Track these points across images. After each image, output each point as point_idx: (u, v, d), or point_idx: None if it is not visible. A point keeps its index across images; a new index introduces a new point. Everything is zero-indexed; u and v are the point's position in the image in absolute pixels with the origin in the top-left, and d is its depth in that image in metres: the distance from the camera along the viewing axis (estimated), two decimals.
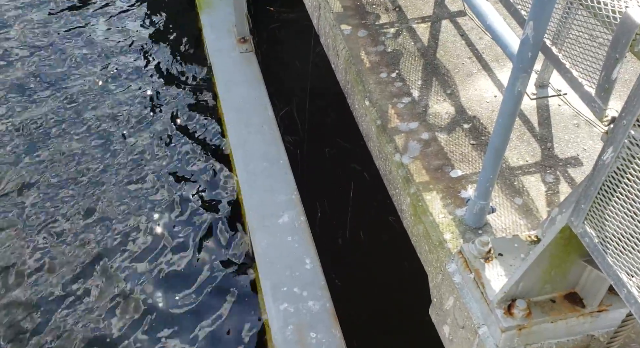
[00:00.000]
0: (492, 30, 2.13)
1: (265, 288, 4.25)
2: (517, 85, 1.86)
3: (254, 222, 4.65)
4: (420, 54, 3.18)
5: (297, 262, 4.37)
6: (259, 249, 4.47)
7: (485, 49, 3.19)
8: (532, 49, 1.76)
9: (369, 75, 3.08)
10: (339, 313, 4.12)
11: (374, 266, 4.66)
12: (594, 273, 1.91)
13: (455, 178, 2.56)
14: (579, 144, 2.68)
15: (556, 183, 2.51)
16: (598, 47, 1.57)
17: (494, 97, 2.93)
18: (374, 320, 4.40)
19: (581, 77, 1.66)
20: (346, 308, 4.26)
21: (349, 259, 4.78)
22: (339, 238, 4.95)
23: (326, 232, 4.88)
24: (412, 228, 2.57)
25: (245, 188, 4.90)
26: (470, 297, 2.11)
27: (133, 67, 6.44)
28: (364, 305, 4.48)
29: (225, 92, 5.73)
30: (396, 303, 4.40)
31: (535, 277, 1.90)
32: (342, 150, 5.46)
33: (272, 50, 6.46)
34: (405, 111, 2.88)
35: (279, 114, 5.59)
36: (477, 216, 2.32)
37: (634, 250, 1.38)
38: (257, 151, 5.17)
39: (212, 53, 6.14)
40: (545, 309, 1.97)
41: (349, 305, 4.34)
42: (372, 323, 4.41)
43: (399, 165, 2.66)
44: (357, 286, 4.58)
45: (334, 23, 3.39)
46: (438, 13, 3.42)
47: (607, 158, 1.41)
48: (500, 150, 2.06)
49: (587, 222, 1.54)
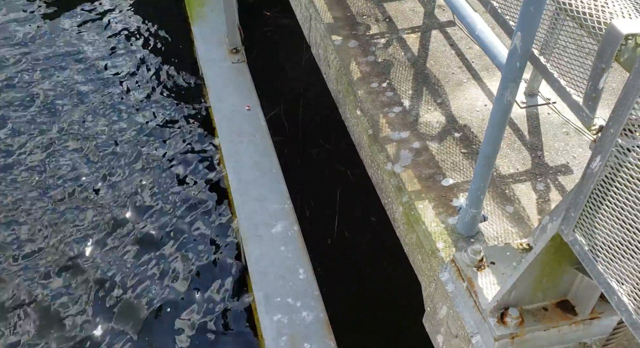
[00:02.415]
0: (481, 41, 2.16)
1: (258, 298, 4.22)
2: (506, 95, 1.88)
3: (246, 231, 4.63)
4: (411, 63, 3.20)
5: (291, 271, 4.35)
6: (252, 259, 4.45)
7: (474, 58, 3.22)
8: (520, 59, 1.78)
9: (360, 85, 3.10)
10: (333, 323, 4.10)
11: (368, 275, 4.66)
12: (585, 281, 1.92)
13: (447, 187, 2.57)
14: (568, 151, 2.70)
15: (547, 191, 2.53)
16: (585, 57, 1.60)
17: (484, 106, 2.95)
18: (368, 330, 4.39)
19: (569, 87, 1.68)
20: (340, 318, 4.25)
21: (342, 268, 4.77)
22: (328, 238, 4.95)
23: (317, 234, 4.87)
24: (405, 237, 2.58)
25: (237, 198, 4.89)
26: (463, 306, 2.11)
27: (124, 77, 6.43)
28: (358, 315, 4.46)
29: (217, 102, 5.73)
30: (390, 312, 4.39)
31: (528, 285, 1.91)
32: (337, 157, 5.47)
33: (263, 61, 6.48)
34: (397, 120, 2.90)
35: (270, 120, 5.60)
36: (469, 224, 2.32)
37: (623, 258, 1.39)
38: (249, 160, 5.17)
39: (204, 64, 6.15)
40: (537, 317, 1.97)
41: (344, 315, 4.32)
42: (367, 333, 4.40)
43: (390, 174, 2.67)
44: (351, 296, 4.56)
45: (325, 34, 3.41)
46: (428, 23, 3.45)
47: (595, 166, 1.42)
48: (491, 159, 2.08)
49: (577, 230, 1.55)
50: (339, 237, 5.03)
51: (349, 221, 5.06)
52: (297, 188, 5.12)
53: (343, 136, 3.34)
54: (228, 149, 5.29)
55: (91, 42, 6.88)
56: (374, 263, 4.74)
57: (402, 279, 3.35)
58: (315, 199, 5.26)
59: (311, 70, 4.09)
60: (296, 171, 5.30)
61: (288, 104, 6.02)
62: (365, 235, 4.95)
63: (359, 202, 5.04)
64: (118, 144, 5.70)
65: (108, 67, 6.56)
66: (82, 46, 6.81)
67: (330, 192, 5.25)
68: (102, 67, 6.57)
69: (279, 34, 6.72)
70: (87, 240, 4.91)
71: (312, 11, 3.58)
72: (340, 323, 4.20)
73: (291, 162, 5.33)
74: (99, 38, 6.95)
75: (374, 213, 4.70)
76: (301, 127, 5.87)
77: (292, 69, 6.31)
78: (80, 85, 6.32)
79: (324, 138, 5.67)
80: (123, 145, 5.70)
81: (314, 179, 5.43)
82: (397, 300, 4.31)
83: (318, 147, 5.69)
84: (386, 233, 3.05)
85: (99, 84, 6.35)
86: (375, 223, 4.82)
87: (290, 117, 5.92)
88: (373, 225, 4.83)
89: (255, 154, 5.23)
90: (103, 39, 6.94)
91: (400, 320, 4.27)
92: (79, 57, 6.67)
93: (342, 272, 4.73)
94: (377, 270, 4.69)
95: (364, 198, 4.08)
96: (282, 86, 6.23)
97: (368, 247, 4.88)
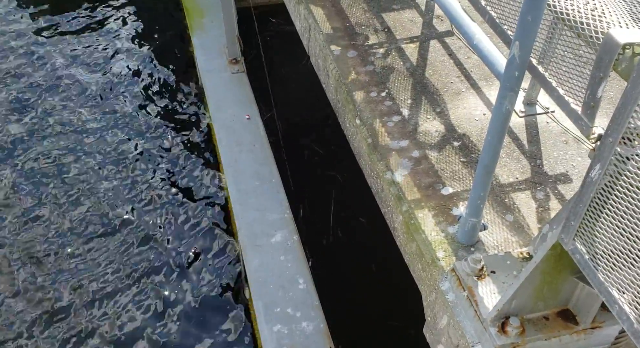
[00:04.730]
0: (480, 50, 2.17)
1: (258, 308, 4.20)
2: (505, 104, 1.89)
3: (246, 241, 4.62)
4: (410, 73, 3.22)
5: (290, 281, 4.33)
6: (251, 269, 4.44)
7: (473, 68, 3.23)
8: (518, 69, 1.79)
9: (359, 94, 3.11)
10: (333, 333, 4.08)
11: (368, 286, 4.64)
12: (586, 290, 1.91)
13: (447, 196, 2.57)
14: (567, 160, 2.70)
15: (546, 200, 2.53)
16: (583, 66, 1.60)
17: (483, 115, 2.96)
18: (368, 340, 4.36)
19: (567, 95, 1.68)
20: (340, 328, 4.22)
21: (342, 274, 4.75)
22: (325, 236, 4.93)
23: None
24: (405, 246, 2.57)
25: (236, 207, 4.88)
26: (463, 315, 2.10)
27: (124, 88, 6.45)
28: (358, 325, 4.43)
29: (217, 111, 5.75)
30: (391, 322, 4.37)
31: (528, 294, 1.90)
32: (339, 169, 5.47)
33: (263, 71, 6.51)
34: (396, 129, 2.90)
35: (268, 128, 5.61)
36: (469, 233, 2.32)
37: (624, 266, 1.38)
38: (248, 170, 5.17)
39: (204, 74, 6.17)
40: (538, 327, 1.96)
41: (343, 325, 4.29)
42: (367, 344, 4.37)
43: (390, 183, 2.67)
44: (351, 305, 4.54)
45: (324, 44, 3.43)
46: (426, 33, 3.47)
47: (594, 175, 1.43)
48: (490, 168, 2.08)
49: (577, 239, 1.54)
50: (339, 244, 5.02)
51: (348, 229, 5.05)
52: (297, 198, 5.11)
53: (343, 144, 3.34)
54: (228, 158, 5.29)
55: (91, 50, 6.91)
56: (374, 272, 4.73)
57: (403, 289, 3.34)
58: (314, 208, 5.25)
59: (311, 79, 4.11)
60: (295, 179, 5.30)
61: (286, 112, 6.03)
62: (364, 243, 4.93)
63: (359, 210, 5.04)
64: (116, 153, 5.71)
65: (107, 75, 6.59)
66: (81, 55, 6.84)
67: (329, 200, 5.24)
68: (101, 75, 6.59)
69: (278, 44, 6.76)
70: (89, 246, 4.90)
71: (312, 22, 3.61)
72: (341, 334, 4.17)
73: (290, 170, 5.33)
74: (99, 46, 6.98)
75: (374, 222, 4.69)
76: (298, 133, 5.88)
77: (292, 79, 6.33)
78: (80, 92, 6.34)
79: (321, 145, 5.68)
80: (120, 154, 5.70)
81: (312, 188, 5.42)
82: (398, 309, 4.29)
83: (315, 154, 5.70)
84: (386, 242, 3.04)
85: (98, 92, 6.37)
86: (373, 231, 4.81)
87: (289, 125, 5.93)
88: (372, 233, 4.82)
89: (255, 163, 5.23)
90: (102, 46, 6.98)
91: (401, 330, 4.24)
92: (76, 64, 6.69)
93: (342, 282, 4.71)
94: (377, 280, 4.67)
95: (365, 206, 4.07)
96: (281, 95, 6.25)
97: (369, 256, 4.86)
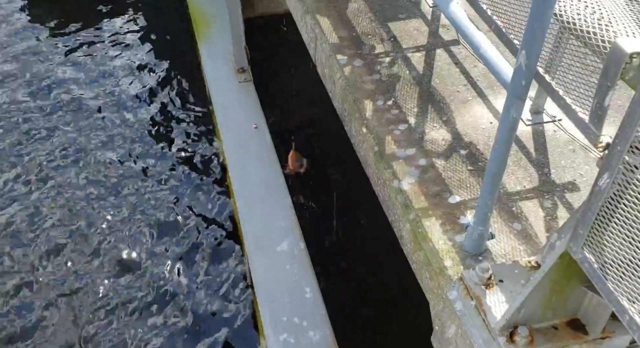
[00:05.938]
0: (486, 59, 2.18)
1: (264, 317, 4.19)
2: (512, 112, 1.89)
3: (252, 248, 4.62)
4: (416, 82, 3.23)
5: (297, 290, 4.33)
6: (258, 277, 4.43)
7: (479, 77, 3.24)
8: (525, 77, 1.79)
9: (365, 103, 3.12)
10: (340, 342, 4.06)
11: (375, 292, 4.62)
12: (595, 299, 1.89)
13: (454, 204, 2.57)
14: (575, 169, 2.69)
15: (554, 209, 2.52)
16: (590, 75, 1.60)
17: (489, 124, 2.96)
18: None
19: (574, 104, 1.68)
20: (347, 337, 4.20)
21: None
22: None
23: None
24: (412, 255, 2.56)
25: (243, 215, 4.89)
26: (471, 325, 2.09)
27: (131, 96, 6.51)
28: (365, 334, 4.41)
29: (224, 120, 5.78)
30: (398, 331, 4.34)
31: (537, 303, 1.89)
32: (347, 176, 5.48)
33: (270, 80, 6.55)
34: (402, 138, 2.91)
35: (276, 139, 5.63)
36: (476, 242, 2.31)
37: (634, 275, 1.38)
38: (255, 177, 5.19)
39: (211, 83, 6.22)
40: (547, 336, 1.95)
41: (351, 335, 4.27)
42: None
43: (397, 191, 2.67)
44: (358, 312, 4.52)
45: (330, 53, 3.45)
46: (432, 42, 3.49)
47: (603, 184, 1.42)
48: (498, 176, 2.08)
49: (585, 248, 1.53)
50: (345, 253, 5.01)
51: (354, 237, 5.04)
52: (303, 207, 5.12)
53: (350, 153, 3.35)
54: (235, 167, 5.32)
55: (99, 60, 6.98)
56: (381, 281, 4.71)
57: (410, 297, 3.32)
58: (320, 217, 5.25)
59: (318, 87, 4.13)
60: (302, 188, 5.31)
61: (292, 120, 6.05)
62: (372, 251, 4.92)
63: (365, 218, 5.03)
64: (123, 162, 5.75)
65: (114, 84, 6.65)
66: (88, 63, 6.91)
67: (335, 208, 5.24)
68: (109, 83, 6.65)
69: (285, 53, 6.80)
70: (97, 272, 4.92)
71: (318, 31, 3.63)
72: (348, 343, 4.15)
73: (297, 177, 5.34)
74: (107, 56, 7.05)
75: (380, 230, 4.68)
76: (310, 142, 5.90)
77: (299, 87, 6.36)
78: (87, 100, 6.40)
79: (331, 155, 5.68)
80: (128, 164, 5.73)
81: (320, 196, 5.43)
82: (405, 318, 4.27)
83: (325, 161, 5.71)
84: (393, 250, 3.03)
85: (107, 101, 6.43)
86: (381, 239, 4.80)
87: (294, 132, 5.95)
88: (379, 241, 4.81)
89: (262, 171, 5.24)
90: (110, 56, 7.05)
91: (409, 339, 4.22)
92: (86, 76, 6.76)
93: (348, 290, 4.69)
94: (384, 289, 4.65)
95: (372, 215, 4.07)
96: (289, 104, 6.28)
97: (375, 264, 4.85)
